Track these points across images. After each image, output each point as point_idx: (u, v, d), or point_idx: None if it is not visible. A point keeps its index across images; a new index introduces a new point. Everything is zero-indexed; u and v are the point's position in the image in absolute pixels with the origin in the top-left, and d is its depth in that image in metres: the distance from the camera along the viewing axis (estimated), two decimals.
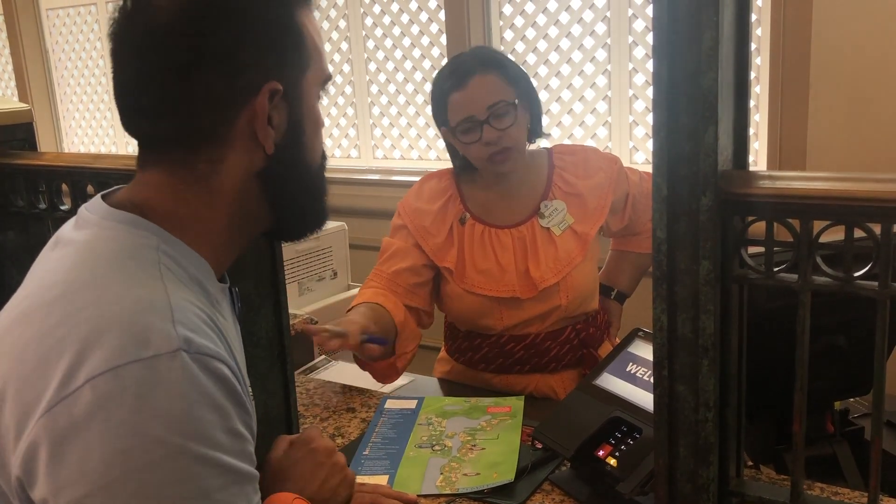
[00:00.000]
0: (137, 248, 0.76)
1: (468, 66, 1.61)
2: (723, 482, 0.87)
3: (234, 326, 0.89)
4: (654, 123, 0.79)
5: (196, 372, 0.69)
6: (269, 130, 0.79)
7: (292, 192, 0.85)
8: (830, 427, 1.39)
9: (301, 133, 0.83)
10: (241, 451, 0.73)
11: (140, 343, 0.68)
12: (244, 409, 0.74)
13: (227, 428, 0.71)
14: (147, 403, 0.66)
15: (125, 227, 0.78)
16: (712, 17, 0.75)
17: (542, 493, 1.24)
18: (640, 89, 2.73)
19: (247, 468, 0.74)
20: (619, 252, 1.92)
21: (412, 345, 1.65)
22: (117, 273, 0.74)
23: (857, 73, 2.32)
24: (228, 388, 0.72)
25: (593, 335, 1.74)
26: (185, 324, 0.71)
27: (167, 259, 0.76)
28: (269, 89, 0.78)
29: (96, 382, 0.66)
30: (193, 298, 0.75)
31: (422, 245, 1.68)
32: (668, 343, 0.83)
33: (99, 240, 0.77)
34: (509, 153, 1.62)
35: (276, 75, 0.79)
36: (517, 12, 2.91)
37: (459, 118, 1.61)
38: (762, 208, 0.80)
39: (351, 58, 3.30)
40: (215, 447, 0.70)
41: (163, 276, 0.74)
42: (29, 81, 4.16)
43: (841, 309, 1.20)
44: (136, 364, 0.67)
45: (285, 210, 0.86)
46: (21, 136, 1.49)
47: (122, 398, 0.66)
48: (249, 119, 0.78)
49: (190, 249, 0.79)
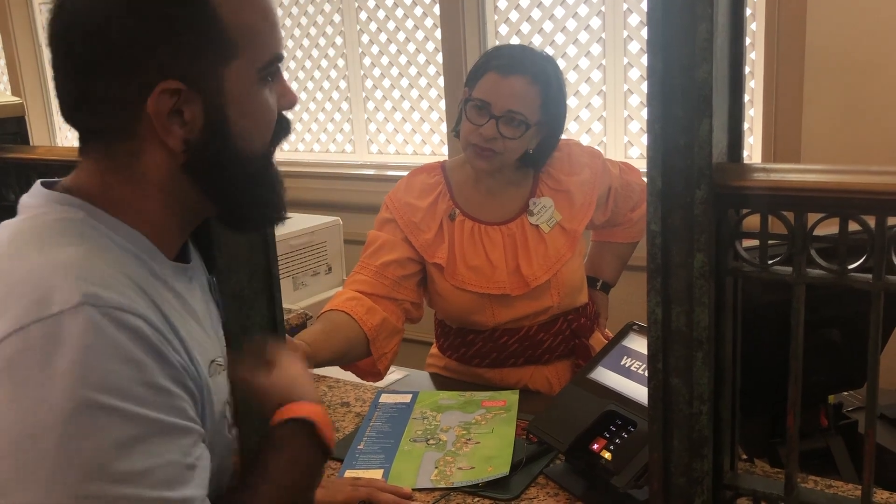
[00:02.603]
0: (61, 221, 0.77)
1: (524, 64, 1.59)
2: (717, 475, 0.87)
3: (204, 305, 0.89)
4: (648, 116, 0.79)
5: (104, 325, 0.68)
6: (174, 128, 0.78)
7: (226, 183, 0.83)
8: (824, 421, 1.40)
9: (225, 124, 0.80)
10: (166, 405, 0.72)
11: (43, 303, 0.68)
12: (169, 363, 0.73)
13: (144, 381, 0.70)
14: (52, 359, 0.66)
15: (53, 204, 0.79)
16: (707, 10, 0.75)
17: (536, 486, 1.24)
18: (635, 84, 2.73)
19: (175, 420, 0.73)
20: (601, 243, 1.94)
21: (391, 344, 1.62)
22: (35, 243, 0.75)
23: (852, 68, 2.32)
24: (144, 341, 0.71)
25: (585, 325, 1.76)
26: (91, 280, 0.70)
27: (91, 231, 0.77)
28: (164, 88, 0.75)
29: (3, 345, 0.67)
30: (119, 265, 0.75)
31: (411, 241, 1.67)
32: (662, 336, 0.83)
33: (27, 218, 0.79)
34: (493, 157, 1.61)
35: (176, 72, 0.76)
36: (512, 6, 2.90)
37: (481, 96, 1.59)
38: (757, 201, 0.80)
39: (345, 52, 3.29)
40: (129, 399, 0.69)
41: (82, 243, 0.75)
42: (21, 75, 4.15)
43: (835, 303, 1.20)
44: (40, 323, 0.67)
45: (224, 200, 0.85)
46: (13, 129, 1.49)
47: (27, 357, 0.66)
48: (151, 116, 0.77)
49: (124, 224, 0.79)
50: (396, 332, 1.64)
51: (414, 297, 1.69)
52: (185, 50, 0.76)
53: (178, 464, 0.72)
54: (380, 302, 1.62)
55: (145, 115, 0.77)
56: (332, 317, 1.58)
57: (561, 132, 1.69)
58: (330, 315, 1.59)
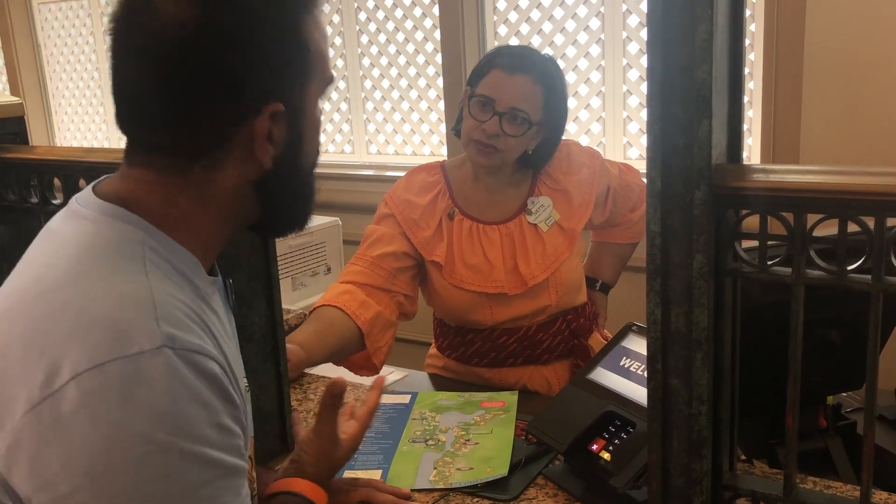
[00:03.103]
0: (122, 242, 0.76)
1: (528, 63, 1.60)
2: (716, 476, 0.87)
3: (227, 319, 0.88)
4: (648, 117, 0.79)
5: (181, 368, 0.69)
6: (268, 147, 0.79)
7: (289, 196, 0.86)
8: (823, 422, 1.40)
9: (300, 143, 0.83)
10: (228, 446, 0.73)
11: (123, 340, 0.67)
12: (232, 403, 0.74)
13: (213, 423, 0.71)
14: (132, 399, 0.66)
15: (111, 220, 0.77)
16: (706, 10, 0.75)
17: (535, 487, 1.24)
18: (634, 85, 2.73)
19: (234, 461, 0.74)
20: (601, 243, 1.94)
21: (385, 338, 1.63)
22: (101, 268, 0.73)
23: (851, 69, 2.32)
24: (215, 384, 0.72)
25: (583, 325, 1.76)
26: (169, 320, 0.70)
27: (152, 254, 0.76)
28: (272, 110, 0.78)
29: (81, 379, 0.66)
30: (179, 293, 0.75)
31: (410, 237, 1.68)
32: (661, 337, 0.83)
33: (85, 233, 0.77)
34: (494, 153, 1.61)
35: (279, 95, 0.78)
36: (511, 7, 2.91)
37: (485, 92, 1.60)
38: (756, 202, 0.80)
39: (345, 53, 3.29)
40: (201, 442, 0.69)
41: (147, 271, 0.74)
42: (21, 76, 4.15)
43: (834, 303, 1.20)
44: (120, 361, 0.67)
45: (276, 210, 0.86)
46: (12, 129, 1.49)
47: (106, 394, 0.66)
48: (249, 136, 0.78)
49: (177, 244, 0.79)
50: (390, 325, 1.64)
51: (408, 289, 1.69)
52: (286, 73, 0.79)
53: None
54: (374, 294, 1.63)
55: (240, 134, 0.77)
56: (324, 313, 1.59)
57: (561, 134, 1.69)
58: (322, 312, 1.59)
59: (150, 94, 0.76)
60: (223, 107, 0.76)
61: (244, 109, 0.77)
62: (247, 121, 0.77)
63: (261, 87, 0.77)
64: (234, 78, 0.75)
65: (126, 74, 0.78)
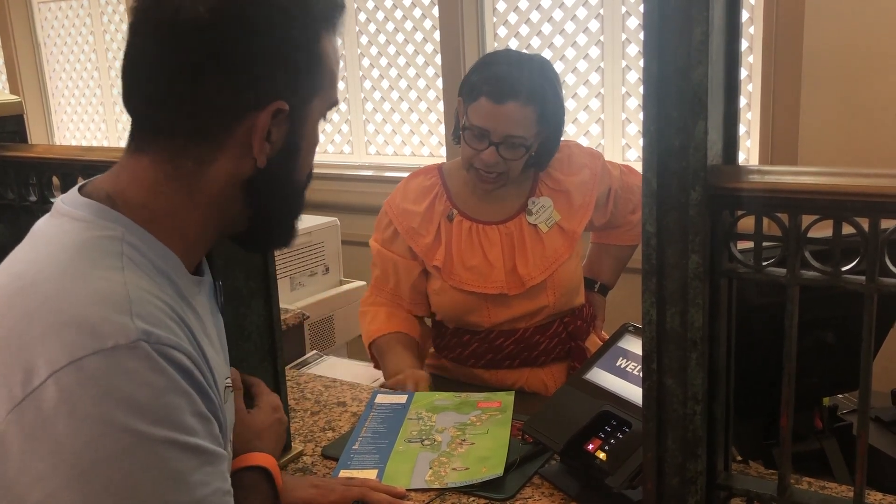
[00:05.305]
0: (101, 240, 0.76)
1: (514, 87, 1.54)
2: (711, 476, 0.88)
3: (211, 320, 0.89)
4: (644, 118, 0.80)
5: (158, 361, 0.70)
6: (266, 145, 0.80)
7: (273, 205, 0.86)
8: (819, 423, 1.40)
9: (296, 152, 0.84)
10: (210, 433, 0.74)
11: (98, 336, 0.68)
12: (207, 396, 0.75)
13: (194, 412, 0.72)
14: (111, 393, 0.67)
15: (92, 217, 0.78)
16: (703, 12, 0.75)
17: (531, 486, 1.24)
18: (633, 87, 2.73)
19: (217, 449, 0.75)
20: (601, 245, 1.94)
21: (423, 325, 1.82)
22: (78, 265, 0.74)
23: (849, 71, 2.33)
24: (190, 377, 0.73)
25: (581, 328, 1.76)
26: (143, 316, 0.71)
27: (131, 250, 0.77)
28: (275, 108, 0.79)
29: (59, 376, 0.67)
30: (156, 290, 0.76)
31: (412, 246, 1.69)
32: (656, 337, 0.83)
33: (65, 232, 0.77)
34: (498, 179, 1.63)
35: (286, 95, 0.79)
36: (511, 9, 2.91)
37: (478, 123, 1.58)
38: (751, 203, 0.80)
39: (344, 53, 3.29)
40: (185, 431, 0.71)
41: (124, 268, 0.74)
42: (20, 74, 4.15)
43: (829, 304, 1.20)
44: (97, 355, 0.67)
45: (262, 221, 0.87)
46: (11, 128, 1.49)
47: (86, 390, 0.66)
48: (248, 130, 0.79)
49: (158, 242, 0.79)
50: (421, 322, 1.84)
51: (426, 312, 1.82)
52: (298, 76, 0.80)
53: (221, 490, 0.75)
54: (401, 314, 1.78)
55: (241, 127, 0.78)
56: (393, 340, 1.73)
57: (560, 135, 1.69)
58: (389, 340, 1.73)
59: (158, 72, 0.77)
60: (229, 93, 0.77)
61: (249, 101, 0.78)
62: (249, 114, 0.78)
63: (270, 82, 0.78)
64: (245, 66, 0.76)
65: (139, 47, 0.78)
